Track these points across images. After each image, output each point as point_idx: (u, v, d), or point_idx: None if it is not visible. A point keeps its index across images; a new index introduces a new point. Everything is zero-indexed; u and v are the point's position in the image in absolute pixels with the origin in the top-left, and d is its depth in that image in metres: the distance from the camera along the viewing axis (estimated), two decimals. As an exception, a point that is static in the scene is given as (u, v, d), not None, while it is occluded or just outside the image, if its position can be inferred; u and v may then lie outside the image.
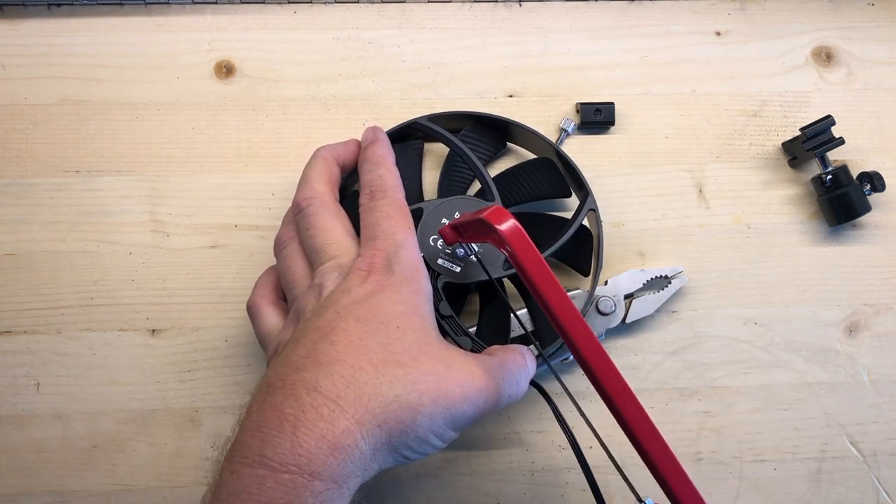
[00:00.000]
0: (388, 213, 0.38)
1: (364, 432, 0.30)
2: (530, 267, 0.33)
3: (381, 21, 0.50)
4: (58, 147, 0.47)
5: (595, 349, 0.32)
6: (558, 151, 0.46)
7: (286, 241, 0.40)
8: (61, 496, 0.44)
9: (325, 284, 0.36)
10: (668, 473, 0.31)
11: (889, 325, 0.48)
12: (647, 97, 0.50)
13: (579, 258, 0.45)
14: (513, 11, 0.51)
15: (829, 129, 0.46)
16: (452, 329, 0.41)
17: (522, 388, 0.37)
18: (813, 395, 0.46)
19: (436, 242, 0.42)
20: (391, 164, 0.41)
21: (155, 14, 0.49)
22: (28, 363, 0.45)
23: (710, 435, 0.46)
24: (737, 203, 0.49)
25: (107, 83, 0.48)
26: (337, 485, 0.30)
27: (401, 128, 0.45)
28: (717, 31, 0.51)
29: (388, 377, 0.32)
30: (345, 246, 0.37)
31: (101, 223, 0.46)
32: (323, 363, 0.31)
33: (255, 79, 0.49)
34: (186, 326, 0.45)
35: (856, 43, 0.51)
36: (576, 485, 0.45)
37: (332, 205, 0.39)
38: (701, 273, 0.47)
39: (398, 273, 0.36)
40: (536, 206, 0.47)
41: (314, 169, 0.41)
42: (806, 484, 0.45)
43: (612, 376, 0.32)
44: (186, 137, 0.48)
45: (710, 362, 0.47)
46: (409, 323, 0.34)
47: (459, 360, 0.34)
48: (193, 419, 0.45)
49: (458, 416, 0.33)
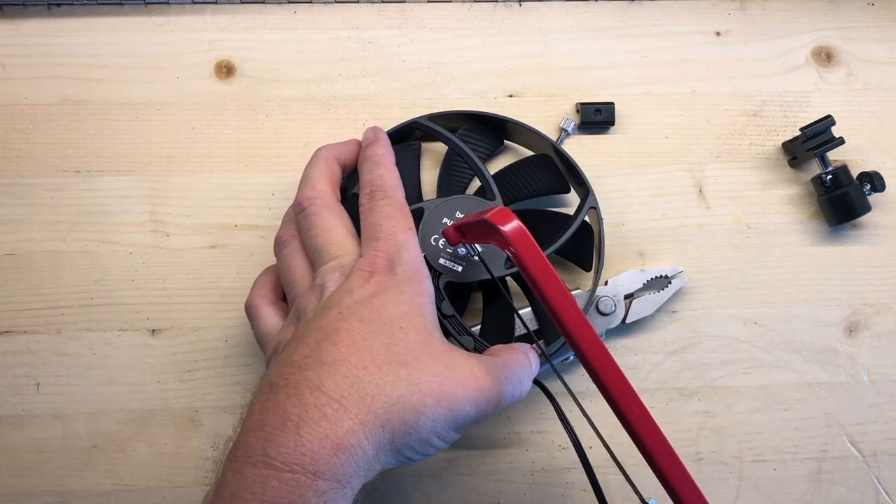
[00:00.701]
0: (389, 214, 0.38)
1: (367, 432, 0.30)
2: (534, 268, 0.33)
3: (381, 21, 0.50)
4: (58, 147, 0.47)
5: (598, 350, 0.32)
6: (556, 148, 0.46)
7: (287, 241, 0.40)
8: (61, 496, 0.43)
9: (327, 284, 0.36)
10: (672, 473, 0.31)
11: (889, 325, 0.48)
12: (647, 97, 0.50)
13: (581, 254, 0.45)
14: (513, 11, 0.51)
15: (829, 129, 0.46)
16: (455, 328, 0.41)
17: (526, 387, 0.37)
18: (813, 395, 0.47)
19: (437, 242, 0.42)
20: (391, 163, 0.41)
21: (155, 14, 0.49)
22: (28, 363, 0.45)
23: (710, 435, 0.46)
24: (737, 203, 0.49)
25: (107, 83, 0.48)
26: (340, 485, 0.30)
27: (401, 127, 0.45)
28: (717, 31, 0.51)
29: (392, 377, 0.32)
30: (347, 246, 0.37)
31: (101, 223, 0.46)
32: (326, 363, 0.31)
33: (255, 79, 0.49)
34: (186, 326, 0.45)
35: (856, 43, 0.51)
36: (576, 485, 0.45)
37: (334, 205, 0.39)
38: (701, 273, 0.48)
39: (400, 274, 0.36)
40: (536, 203, 0.47)
41: (316, 168, 0.41)
42: (806, 484, 0.45)
43: (615, 377, 0.32)
44: (186, 137, 0.48)
45: (710, 362, 0.47)
46: (411, 324, 0.34)
47: (462, 361, 0.34)
48: (193, 419, 0.45)
49: (461, 417, 0.33)
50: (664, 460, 0.31)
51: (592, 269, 0.46)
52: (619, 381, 0.32)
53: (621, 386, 0.32)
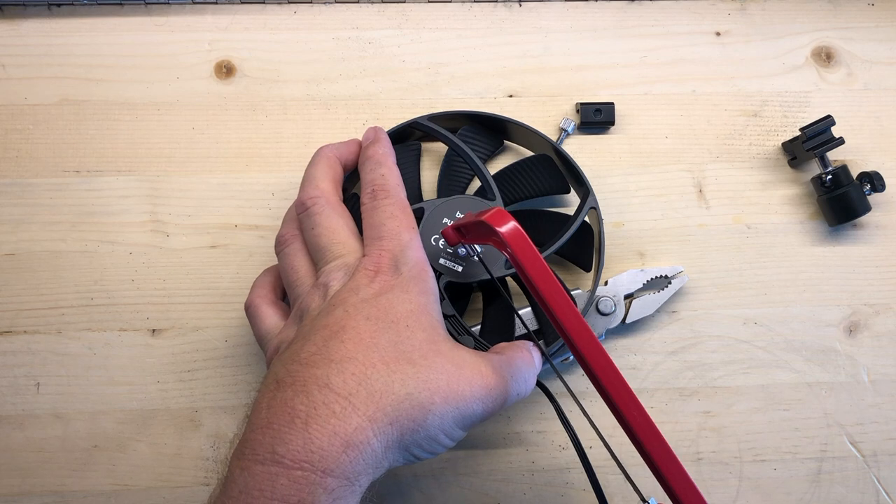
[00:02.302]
0: (392, 213, 0.38)
1: (376, 430, 0.30)
2: (531, 269, 0.33)
3: (381, 21, 0.50)
4: (58, 147, 0.47)
5: (596, 349, 0.32)
6: (556, 148, 0.46)
7: (289, 240, 0.40)
8: (61, 496, 0.44)
9: (331, 283, 0.36)
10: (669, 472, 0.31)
11: (889, 325, 0.48)
12: (647, 97, 0.50)
13: (581, 254, 0.45)
14: (513, 11, 0.51)
15: (829, 129, 0.46)
16: (455, 328, 0.41)
17: (530, 385, 0.38)
18: (813, 395, 0.47)
19: (437, 242, 0.42)
20: (392, 163, 0.41)
21: (155, 14, 0.49)
22: (28, 363, 0.45)
23: (710, 435, 0.46)
24: (737, 203, 0.49)
25: (107, 83, 0.48)
26: (349, 482, 0.30)
27: (401, 127, 0.45)
28: (717, 31, 0.51)
29: (400, 375, 0.32)
30: (350, 245, 0.37)
31: (101, 223, 0.46)
32: (334, 360, 0.31)
33: (255, 79, 0.49)
34: (186, 326, 0.45)
35: (856, 43, 0.51)
36: (576, 485, 0.45)
37: (337, 204, 0.39)
38: (701, 273, 0.48)
39: (405, 273, 0.36)
40: (536, 203, 0.47)
41: (318, 168, 0.40)
42: (806, 484, 0.45)
43: (612, 376, 0.32)
44: (186, 137, 0.48)
45: (710, 362, 0.47)
46: (418, 322, 0.34)
47: (469, 359, 0.34)
48: (193, 419, 0.45)
49: (468, 415, 0.33)
50: (661, 459, 0.31)
51: (592, 270, 0.46)
52: (616, 379, 0.32)
53: (618, 385, 0.32)
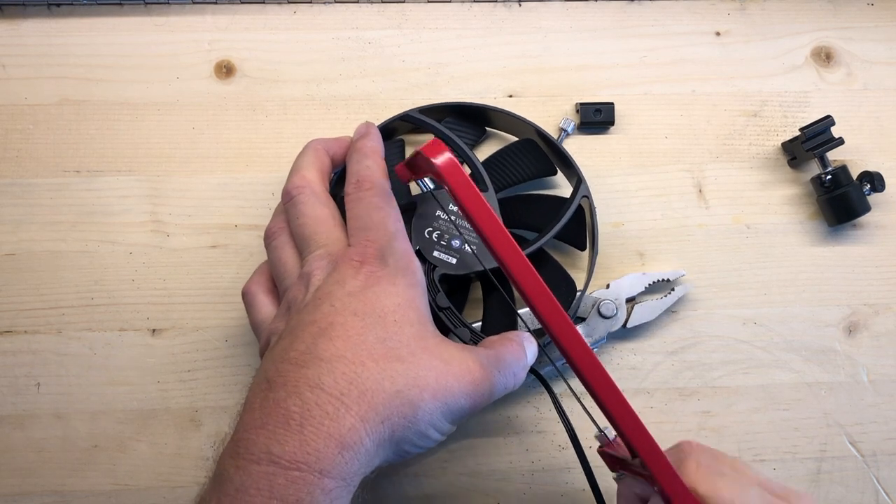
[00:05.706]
0: (377, 205, 0.37)
1: (369, 429, 0.31)
2: (465, 199, 0.33)
3: (381, 21, 0.50)
4: (58, 147, 0.47)
5: (533, 280, 0.32)
6: (538, 130, 0.46)
7: (276, 233, 0.39)
8: (61, 496, 0.44)
9: (314, 273, 0.36)
10: (609, 401, 0.32)
11: (889, 325, 0.48)
12: (647, 97, 0.50)
13: (575, 234, 0.46)
14: (513, 11, 0.51)
15: (829, 129, 0.46)
16: (451, 321, 0.41)
17: (520, 378, 0.37)
18: (812, 395, 0.47)
19: (431, 235, 0.42)
20: (380, 157, 0.40)
21: (155, 14, 0.49)
22: (28, 363, 0.45)
23: (710, 435, 0.46)
24: (736, 203, 0.49)
25: (107, 83, 0.48)
26: (345, 482, 0.30)
27: (391, 120, 0.45)
28: (717, 31, 0.51)
29: (389, 373, 0.32)
30: (334, 235, 0.37)
31: (101, 223, 0.46)
32: (324, 359, 0.31)
33: (255, 79, 0.49)
34: (186, 326, 0.45)
35: (856, 43, 0.51)
36: (576, 485, 0.45)
37: (322, 194, 0.39)
38: (701, 273, 0.48)
39: (392, 265, 0.35)
40: (524, 187, 0.47)
41: (305, 158, 0.40)
42: (806, 484, 0.45)
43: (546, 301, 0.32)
44: (186, 137, 0.48)
45: (710, 362, 0.47)
46: (405, 317, 0.34)
47: (457, 355, 0.34)
48: (193, 419, 0.45)
49: (456, 409, 0.34)
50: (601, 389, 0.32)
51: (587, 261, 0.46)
52: (552, 308, 0.32)
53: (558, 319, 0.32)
